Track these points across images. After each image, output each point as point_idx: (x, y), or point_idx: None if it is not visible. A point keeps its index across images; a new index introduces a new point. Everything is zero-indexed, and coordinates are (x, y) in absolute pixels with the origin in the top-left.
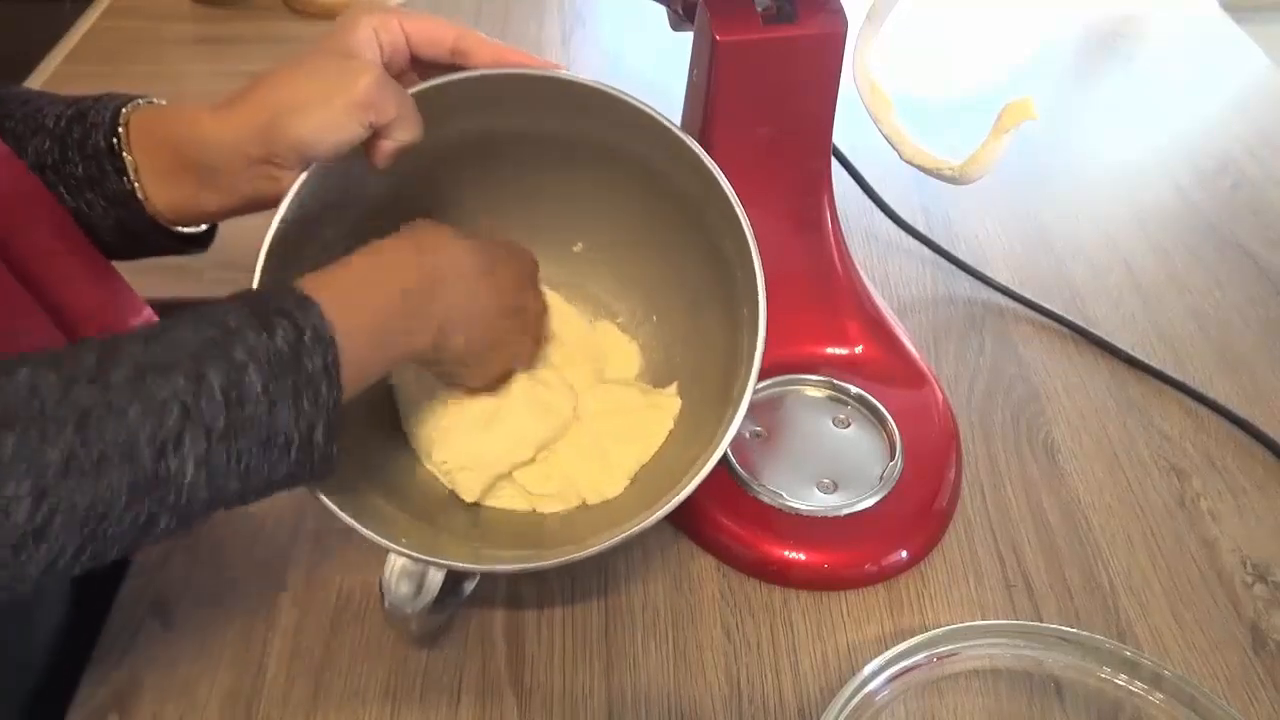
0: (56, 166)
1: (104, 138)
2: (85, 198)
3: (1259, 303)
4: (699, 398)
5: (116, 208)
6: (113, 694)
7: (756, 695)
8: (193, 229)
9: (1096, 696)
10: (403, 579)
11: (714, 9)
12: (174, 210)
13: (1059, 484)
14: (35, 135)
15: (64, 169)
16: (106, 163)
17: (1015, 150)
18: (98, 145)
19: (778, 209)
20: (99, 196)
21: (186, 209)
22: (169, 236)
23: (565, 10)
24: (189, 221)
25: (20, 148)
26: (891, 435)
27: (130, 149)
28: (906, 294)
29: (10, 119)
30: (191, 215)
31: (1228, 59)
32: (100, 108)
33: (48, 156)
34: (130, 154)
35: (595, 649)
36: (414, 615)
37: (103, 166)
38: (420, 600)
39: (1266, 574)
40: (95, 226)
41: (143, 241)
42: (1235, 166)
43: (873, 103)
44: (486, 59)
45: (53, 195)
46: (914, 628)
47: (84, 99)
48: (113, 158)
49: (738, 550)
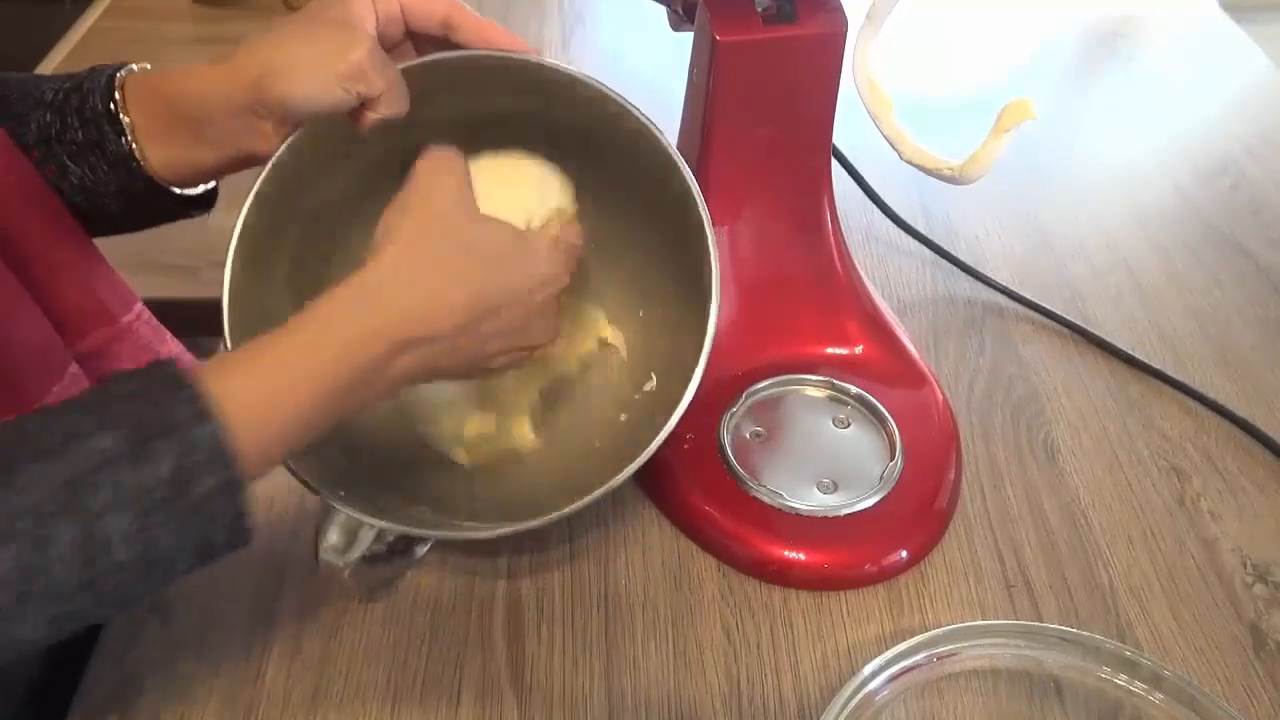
0: (59, 136)
1: (101, 100)
2: (88, 162)
3: (1259, 303)
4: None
5: (117, 171)
6: (113, 694)
7: (756, 695)
8: (192, 190)
9: (1096, 696)
10: (335, 530)
11: (714, 9)
12: (169, 168)
13: (1059, 484)
14: (36, 110)
15: (65, 136)
16: (106, 124)
17: (1015, 150)
18: (95, 109)
19: (778, 209)
20: (101, 160)
21: (181, 166)
22: (170, 199)
23: (565, 10)
24: (185, 180)
25: (23, 125)
26: (891, 435)
27: (126, 109)
28: (906, 294)
29: (10, 99)
30: (187, 172)
31: (1228, 59)
32: (95, 75)
33: (50, 129)
34: (127, 114)
35: (595, 649)
36: (346, 566)
37: (101, 129)
38: (352, 553)
39: (1266, 574)
40: (99, 194)
41: (145, 206)
42: (1235, 166)
43: (873, 103)
44: (473, 34)
45: (50, 190)
46: (914, 628)
47: (78, 73)
48: (111, 120)
49: (738, 550)
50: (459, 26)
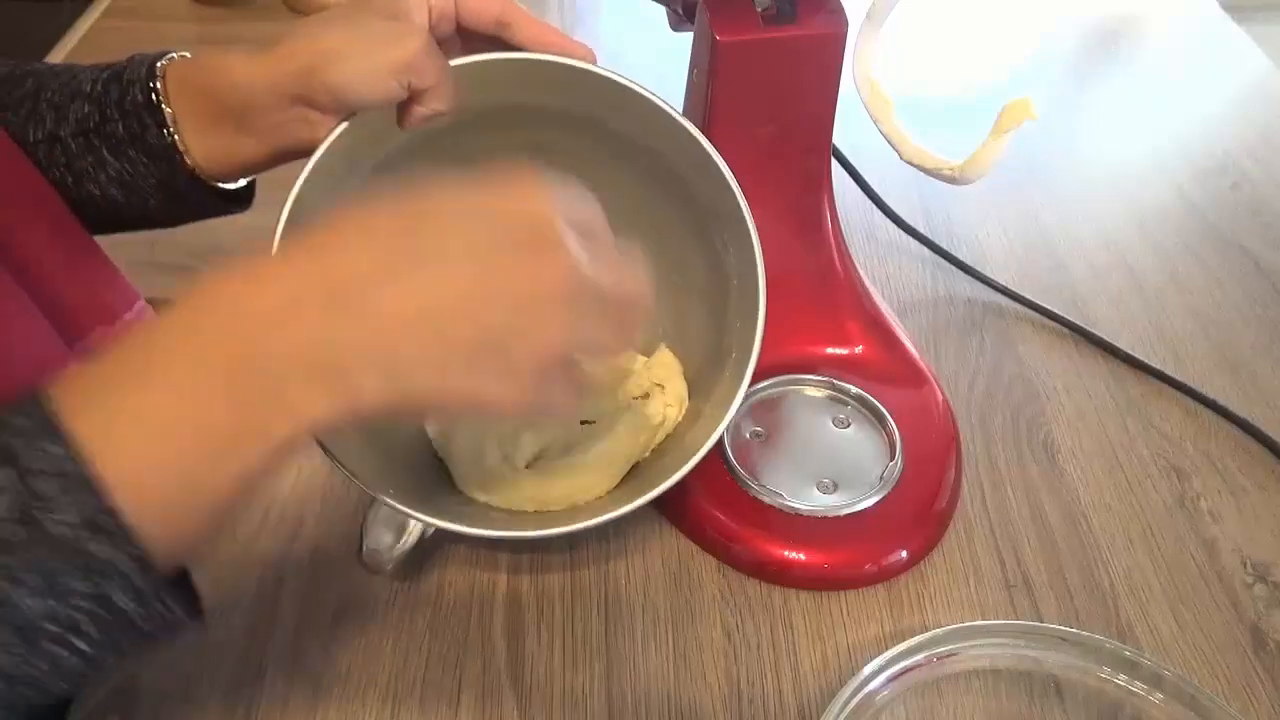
0: (98, 128)
1: (141, 92)
2: (128, 155)
3: (1259, 303)
4: (705, 393)
5: (158, 164)
6: (113, 694)
7: (756, 695)
8: (232, 185)
9: (1096, 696)
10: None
11: (714, 9)
12: (212, 160)
13: (1059, 484)
14: (74, 101)
15: (105, 129)
16: (147, 116)
17: (1015, 150)
18: (135, 100)
19: (778, 209)
20: (140, 154)
21: (224, 159)
22: (210, 193)
23: (565, 10)
24: (227, 173)
25: (61, 117)
26: (891, 435)
27: (168, 100)
28: (906, 294)
29: (48, 90)
30: (229, 165)
31: (1228, 59)
32: (136, 66)
33: (89, 120)
34: (169, 105)
35: (595, 649)
36: (390, 562)
37: (143, 120)
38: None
39: (1266, 574)
40: (138, 188)
41: (185, 201)
42: (1235, 166)
43: (873, 103)
44: (528, 35)
45: (51, 188)
46: (914, 628)
47: (116, 63)
48: (152, 110)
49: (738, 550)
50: (514, 26)
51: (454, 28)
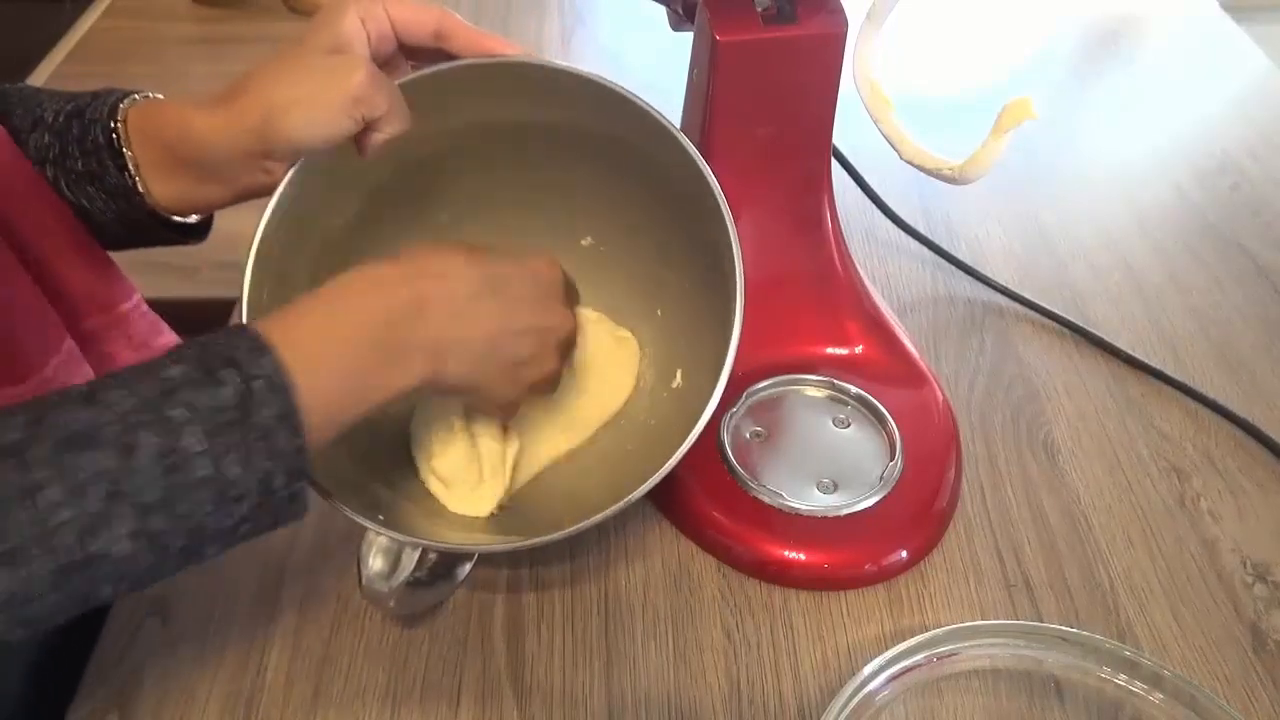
0: (57, 161)
1: (102, 133)
2: (86, 191)
3: (1259, 303)
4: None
5: (117, 200)
6: (113, 694)
7: (756, 695)
8: (191, 219)
9: (1096, 696)
10: (378, 555)
11: (714, 9)
12: (175, 202)
13: (1059, 484)
14: (35, 130)
15: (64, 163)
16: (107, 158)
17: (1015, 150)
18: (96, 141)
19: (778, 209)
20: (99, 191)
21: (187, 201)
22: (168, 227)
23: (565, 10)
24: (191, 212)
25: (21, 142)
26: (891, 435)
27: (128, 144)
28: (906, 294)
29: (12, 115)
30: (193, 207)
31: (1228, 59)
32: (98, 104)
33: (48, 151)
34: (129, 149)
35: (595, 649)
36: (391, 593)
37: (103, 161)
38: (396, 579)
39: (1266, 574)
40: (95, 220)
41: (142, 232)
42: (1235, 166)
43: (873, 103)
44: (466, 43)
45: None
46: (914, 628)
47: (81, 95)
48: (112, 153)
49: (738, 550)
50: (451, 36)
51: (395, 47)
